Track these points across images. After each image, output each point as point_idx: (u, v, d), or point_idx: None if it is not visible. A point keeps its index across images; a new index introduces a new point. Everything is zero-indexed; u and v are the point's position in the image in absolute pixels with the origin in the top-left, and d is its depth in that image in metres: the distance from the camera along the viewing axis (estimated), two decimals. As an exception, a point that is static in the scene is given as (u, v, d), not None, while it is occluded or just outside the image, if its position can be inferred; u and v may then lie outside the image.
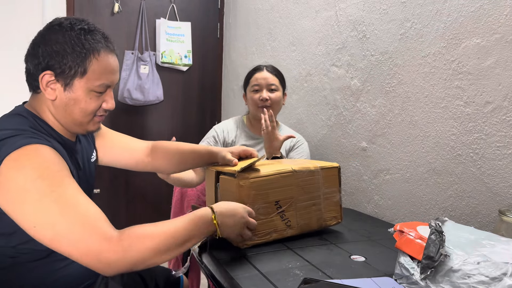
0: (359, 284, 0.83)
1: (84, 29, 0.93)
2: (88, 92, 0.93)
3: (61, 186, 0.80)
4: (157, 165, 1.26)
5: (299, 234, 1.12)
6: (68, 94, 0.92)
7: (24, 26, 2.38)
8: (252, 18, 2.56)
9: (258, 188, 1.04)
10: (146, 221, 0.88)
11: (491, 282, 0.69)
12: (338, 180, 1.21)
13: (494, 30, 1.16)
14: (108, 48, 0.95)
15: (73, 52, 0.90)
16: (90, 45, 0.92)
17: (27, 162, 0.79)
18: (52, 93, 0.92)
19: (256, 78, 1.71)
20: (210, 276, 0.98)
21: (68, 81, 0.91)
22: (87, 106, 0.94)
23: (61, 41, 0.91)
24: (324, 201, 1.18)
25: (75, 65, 0.90)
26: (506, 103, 1.14)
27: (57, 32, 0.92)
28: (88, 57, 0.91)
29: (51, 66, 0.91)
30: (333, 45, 1.82)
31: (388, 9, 1.52)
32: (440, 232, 0.77)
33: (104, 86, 0.95)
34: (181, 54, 2.81)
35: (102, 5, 2.61)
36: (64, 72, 0.91)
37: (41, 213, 0.77)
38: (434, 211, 1.36)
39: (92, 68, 0.92)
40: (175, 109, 2.91)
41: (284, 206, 1.09)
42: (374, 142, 1.61)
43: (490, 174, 1.19)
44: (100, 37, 0.95)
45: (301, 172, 1.12)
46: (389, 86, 1.52)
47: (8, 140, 0.81)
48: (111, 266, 0.76)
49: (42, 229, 0.77)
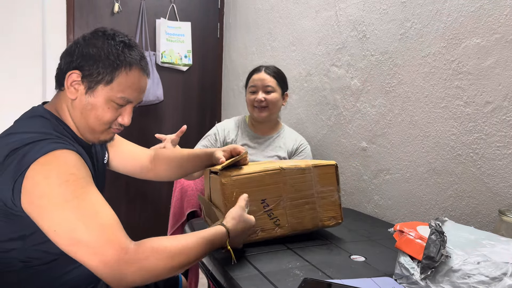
0: (359, 284, 0.83)
1: (125, 42, 0.95)
2: (107, 101, 0.93)
3: (84, 193, 0.81)
4: (158, 171, 1.29)
5: (291, 233, 1.11)
6: (89, 98, 0.93)
7: (24, 26, 2.38)
8: (252, 18, 2.56)
9: (241, 186, 1.04)
10: (146, 221, 0.89)
11: (491, 282, 0.69)
12: (336, 179, 1.16)
13: (494, 30, 1.16)
14: (141, 67, 0.96)
15: (106, 60, 0.92)
16: (124, 58, 0.93)
17: (54, 168, 0.80)
18: (73, 93, 0.93)
19: (253, 79, 1.72)
20: (210, 276, 0.98)
21: (92, 85, 0.92)
22: (103, 114, 0.94)
23: (98, 46, 0.92)
24: (319, 200, 1.14)
25: (104, 72, 0.92)
26: (506, 103, 1.14)
27: (99, 38, 0.94)
28: (119, 68, 0.93)
29: (81, 67, 0.92)
30: (333, 45, 1.82)
31: (388, 9, 1.52)
32: (440, 232, 0.77)
33: (125, 100, 0.95)
34: (181, 54, 2.81)
35: (102, 5, 2.61)
36: (92, 75, 0.92)
37: (63, 218, 0.78)
38: (434, 211, 1.36)
39: (119, 80, 0.93)
40: (175, 109, 2.91)
41: (272, 205, 1.08)
42: (374, 142, 1.61)
43: (490, 174, 1.19)
44: (137, 55, 0.96)
45: (290, 169, 1.10)
46: (389, 86, 1.52)
47: (36, 145, 0.82)
48: (124, 278, 0.76)
49: (61, 234, 0.78)
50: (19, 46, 2.37)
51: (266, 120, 1.74)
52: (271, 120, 1.76)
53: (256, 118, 1.72)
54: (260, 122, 1.76)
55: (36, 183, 0.79)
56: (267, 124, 1.78)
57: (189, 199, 1.87)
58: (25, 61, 2.38)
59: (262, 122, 1.75)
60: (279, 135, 1.78)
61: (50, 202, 0.78)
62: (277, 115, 1.78)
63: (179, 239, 0.85)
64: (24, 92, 2.40)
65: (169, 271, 0.81)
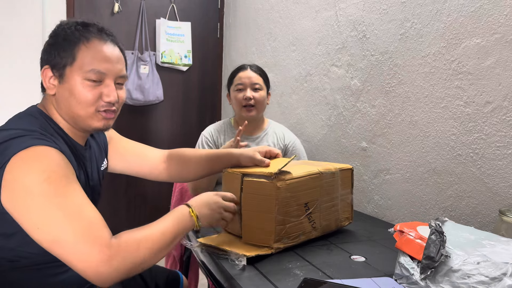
0: (359, 284, 0.83)
1: (79, 22, 0.95)
2: (81, 81, 0.92)
3: (67, 192, 0.80)
4: (172, 172, 1.24)
5: (321, 235, 1.12)
6: (64, 85, 0.93)
7: (24, 26, 2.38)
8: (252, 18, 2.56)
9: (292, 190, 1.02)
10: (146, 221, 0.89)
11: (491, 282, 0.69)
12: (351, 182, 1.23)
13: (494, 30, 1.16)
14: (101, 37, 0.95)
15: (64, 42, 0.92)
16: (80, 34, 0.93)
17: (34, 164, 0.79)
18: (52, 88, 0.94)
19: (240, 77, 1.69)
20: (210, 275, 0.98)
21: (61, 72, 0.92)
22: (81, 96, 0.92)
23: (56, 35, 0.94)
24: (340, 202, 1.18)
25: (65, 54, 0.91)
26: (506, 103, 1.14)
27: (56, 29, 0.95)
28: (77, 44, 0.92)
29: (47, 60, 0.93)
30: (333, 45, 1.82)
31: (388, 9, 1.52)
32: (440, 232, 0.77)
33: (96, 72, 0.92)
34: (181, 54, 2.81)
35: (102, 5, 2.61)
36: (57, 63, 0.92)
37: (45, 216, 0.77)
38: (434, 211, 1.36)
39: (81, 55, 0.92)
40: (175, 109, 2.91)
41: (311, 208, 1.08)
42: (374, 142, 1.61)
43: (490, 174, 1.19)
44: (95, 29, 0.95)
45: (326, 173, 1.12)
46: (389, 86, 1.52)
47: (16, 140, 0.81)
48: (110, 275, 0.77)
49: (44, 232, 0.77)
50: (19, 46, 2.37)
51: (253, 119, 1.71)
52: (258, 119, 1.74)
53: (244, 118, 1.67)
54: (248, 122, 1.69)
55: (16, 179, 0.78)
56: (253, 124, 1.74)
57: (189, 198, 1.87)
58: (25, 61, 2.38)
59: (249, 121, 1.68)
60: (266, 133, 1.76)
61: (32, 200, 0.77)
62: (262, 113, 1.76)
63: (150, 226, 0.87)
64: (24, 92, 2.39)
65: (151, 257, 0.83)
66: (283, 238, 1.02)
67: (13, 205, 0.79)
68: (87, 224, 0.78)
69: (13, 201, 0.79)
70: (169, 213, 0.93)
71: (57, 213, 0.77)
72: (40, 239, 0.78)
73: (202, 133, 1.75)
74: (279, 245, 1.01)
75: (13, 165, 0.78)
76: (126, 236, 0.82)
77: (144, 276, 1.23)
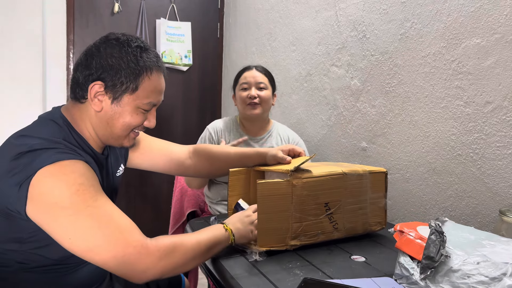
0: (359, 284, 0.83)
1: (141, 47, 0.94)
2: (135, 109, 0.94)
3: (96, 201, 0.82)
4: (200, 168, 1.27)
5: (344, 237, 1.12)
6: (115, 107, 0.93)
7: (24, 26, 2.38)
8: (252, 18, 2.56)
9: (310, 189, 1.03)
10: (146, 221, 0.90)
11: (491, 282, 0.69)
12: (385, 185, 1.19)
13: (494, 30, 1.16)
14: (159, 68, 0.97)
15: (128, 68, 0.91)
16: (144, 63, 0.93)
17: (62, 177, 0.80)
18: (98, 104, 0.93)
19: (245, 77, 1.69)
20: (210, 275, 0.98)
21: (117, 95, 0.92)
22: (131, 121, 0.95)
23: (116, 56, 0.91)
24: (370, 205, 1.16)
25: (128, 81, 0.92)
26: (506, 103, 1.14)
27: (114, 46, 0.93)
28: (141, 74, 0.93)
29: (103, 78, 0.91)
30: (333, 45, 1.82)
31: (388, 9, 1.52)
32: (440, 232, 0.77)
33: (151, 104, 0.97)
34: (181, 54, 2.81)
35: (102, 5, 2.61)
36: (115, 86, 0.92)
37: (77, 227, 0.79)
38: (434, 211, 1.36)
39: (143, 86, 0.93)
40: (175, 109, 2.91)
41: (333, 208, 1.08)
42: (374, 142, 1.61)
43: (490, 174, 1.19)
44: (154, 56, 0.96)
45: (351, 175, 1.11)
46: (389, 86, 1.52)
47: (43, 152, 0.82)
48: (146, 273, 0.82)
49: (77, 242, 0.80)
50: (19, 46, 2.37)
51: (258, 119, 1.69)
52: (262, 119, 1.72)
53: (249, 116, 1.67)
54: (252, 121, 1.71)
55: (44, 193, 0.79)
56: (258, 124, 1.73)
57: (189, 199, 1.87)
58: (25, 61, 2.39)
59: (253, 121, 1.70)
60: (270, 134, 1.75)
61: (62, 213, 0.79)
62: (267, 114, 1.75)
63: (188, 234, 0.92)
64: (24, 92, 2.40)
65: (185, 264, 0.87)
66: (299, 236, 1.03)
67: (42, 217, 0.81)
68: (120, 229, 0.81)
69: (42, 214, 0.80)
70: (205, 228, 0.98)
71: (88, 223, 0.80)
72: (74, 248, 0.80)
73: (208, 127, 1.74)
74: (295, 242, 1.03)
75: (40, 179, 0.79)
76: (163, 238, 0.86)
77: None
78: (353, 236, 1.14)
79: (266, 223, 1.00)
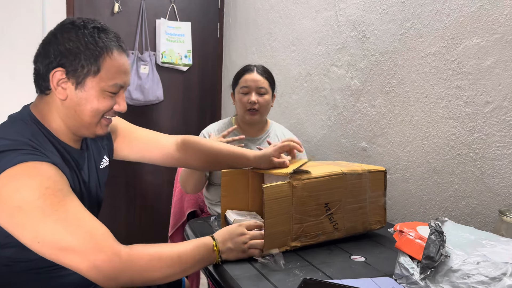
0: (359, 284, 0.83)
1: (98, 27, 0.92)
2: (101, 92, 0.91)
3: (64, 206, 0.80)
4: (189, 161, 1.24)
5: (344, 237, 1.12)
6: (80, 93, 0.90)
7: (24, 26, 2.38)
8: (252, 18, 2.56)
9: (310, 190, 1.03)
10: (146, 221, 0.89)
11: (491, 282, 0.69)
12: (384, 184, 1.20)
13: (494, 30, 1.16)
14: (121, 48, 0.94)
15: (86, 50, 0.89)
16: (103, 44, 0.90)
17: (25, 181, 0.78)
18: (62, 93, 0.90)
19: (245, 80, 1.64)
20: (210, 276, 0.98)
21: (80, 80, 0.89)
22: (99, 106, 0.91)
23: (74, 39, 0.89)
24: (369, 204, 1.16)
25: (88, 63, 0.89)
26: (506, 103, 1.14)
27: (70, 30, 0.90)
28: (102, 55, 0.90)
29: (63, 64, 0.89)
30: (333, 45, 1.82)
31: (388, 9, 1.52)
32: (440, 232, 0.77)
33: (117, 86, 0.93)
34: (181, 54, 2.81)
35: (102, 5, 2.61)
36: (77, 70, 0.89)
37: (45, 231, 0.77)
38: (434, 211, 1.36)
39: (106, 66, 0.90)
40: (175, 109, 2.91)
41: (333, 209, 1.08)
42: (374, 142, 1.61)
43: (490, 174, 1.19)
44: (113, 36, 0.94)
45: (350, 174, 1.11)
46: (389, 86, 1.52)
47: (6, 155, 0.80)
48: (116, 281, 0.79)
49: (46, 245, 0.78)
50: (19, 46, 2.37)
51: (256, 122, 1.69)
52: (261, 122, 1.71)
53: (247, 121, 1.66)
54: (250, 125, 1.69)
55: (7, 197, 0.77)
56: (256, 126, 1.72)
57: (189, 199, 1.87)
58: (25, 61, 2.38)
59: (252, 124, 1.69)
60: (268, 135, 1.74)
61: (29, 217, 0.77)
62: (266, 116, 1.73)
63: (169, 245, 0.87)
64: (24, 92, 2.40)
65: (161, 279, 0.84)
66: (300, 237, 1.03)
67: (7, 222, 0.79)
68: (90, 232, 0.79)
69: (7, 219, 0.78)
70: (193, 240, 0.93)
71: (57, 227, 0.78)
72: (44, 252, 0.79)
73: (202, 132, 1.72)
74: (296, 243, 1.03)
75: (2, 183, 0.77)
76: (138, 248, 0.83)
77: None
78: (353, 236, 1.14)
79: (272, 227, 0.99)
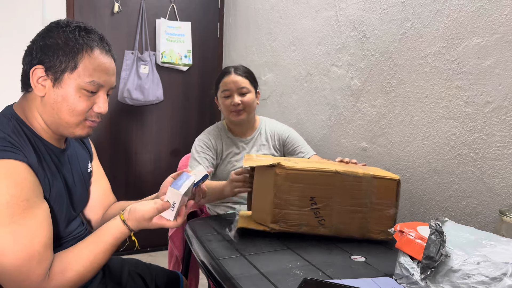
0: (359, 284, 0.83)
1: (80, 27, 0.93)
2: (78, 89, 0.90)
3: (24, 218, 0.81)
4: None
5: (335, 235, 1.12)
6: (57, 90, 0.90)
7: (24, 26, 2.38)
8: (252, 18, 2.56)
9: (293, 180, 1.08)
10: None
11: (491, 282, 0.69)
12: (396, 194, 1.13)
13: (494, 30, 1.16)
14: (103, 48, 0.94)
15: (65, 46, 0.89)
16: (83, 41, 0.91)
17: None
18: (41, 89, 0.90)
19: (225, 83, 1.61)
20: (210, 276, 0.98)
21: (57, 76, 0.89)
22: (75, 104, 0.90)
23: (55, 36, 0.90)
24: (372, 211, 1.12)
25: (66, 59, 0.89)
26: (506, 103, 1.14)
27: (53, 29, 0.92)
28: (80, 52, 0.90)
29: (42, 61, 0.89)
30: (333, 45, 1.82)
31: (388, 9, 1.52)
32: (440, 232, 0.77)
33: (95, 84, 0.91)
34: (181, 54, 2.81)
35: (102, 5, 2.61)
36: (55, 66, 0.89)
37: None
38: (434, 211, 1.36)
39: (84, 63, 0.90)
40: (175, 109, 2.91)
41: (320, 204, 1.10)
42: (374, 142, 1.61)
43: (490, 174, 1.19)
44: (96, 37, 0.94)
45: (345, 175, 1.10)
46: (389, 86, 1.52)
47: None
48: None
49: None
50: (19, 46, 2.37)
51: (244, 122, 1.67)
52: (249, 121, 1.69)
53: (234, 122, 1.64)
54: (239, 125, 1.68)
55: None
56: (245, 125, 1.70)
57: (189, 199, 1.86)
58: (25, 61, 2.38)
59: (240, 124, 1.67)
60: (259, 132, 1.72)
61: None
62: (254, 114, 1.71)
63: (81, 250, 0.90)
64: (24, 92, 2.40)
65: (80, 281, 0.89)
66: (279, 221, 1.10)
67: None
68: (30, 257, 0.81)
69: None
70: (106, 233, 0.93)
71: (6, 240, 0.79)
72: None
73: (198, 138, 1.69)
74: (275, 226, 1.10)
75: None
76: (56, 268, 0.85)
77: (144, 277, 1.23)
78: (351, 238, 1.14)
79: (257, 201, 1.16)
